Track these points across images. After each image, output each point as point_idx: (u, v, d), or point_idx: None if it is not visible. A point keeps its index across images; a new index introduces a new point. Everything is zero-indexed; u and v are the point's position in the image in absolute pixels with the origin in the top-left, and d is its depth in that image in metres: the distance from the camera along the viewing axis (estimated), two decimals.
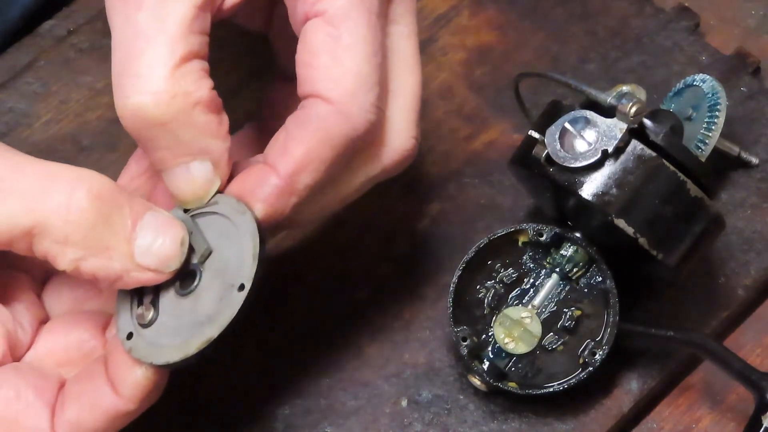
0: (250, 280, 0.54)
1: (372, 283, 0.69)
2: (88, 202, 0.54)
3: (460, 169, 0.72)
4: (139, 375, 0.55)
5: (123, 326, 0.56)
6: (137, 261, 0.54)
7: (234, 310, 0.54)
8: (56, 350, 0.58)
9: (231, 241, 0.55)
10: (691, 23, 0.75)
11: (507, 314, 0.64)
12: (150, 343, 0.55)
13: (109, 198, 0.54)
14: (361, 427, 0.66)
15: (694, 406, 0.67)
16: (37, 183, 0.54)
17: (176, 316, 0.56)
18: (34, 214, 0.53)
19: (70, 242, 0.53)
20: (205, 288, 0.55)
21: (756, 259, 0.69)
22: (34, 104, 0.74)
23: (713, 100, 0.67)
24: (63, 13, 0.76)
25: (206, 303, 0.55)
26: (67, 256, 0.54)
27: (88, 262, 0.54)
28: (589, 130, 0.62)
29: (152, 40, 0.54)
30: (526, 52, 0.75)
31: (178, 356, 0.54)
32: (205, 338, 0.54)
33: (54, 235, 0.53)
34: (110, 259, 0.54)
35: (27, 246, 0.54)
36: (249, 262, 0.54)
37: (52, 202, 0.53)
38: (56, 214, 0.53)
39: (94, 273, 0.54)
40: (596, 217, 0.62)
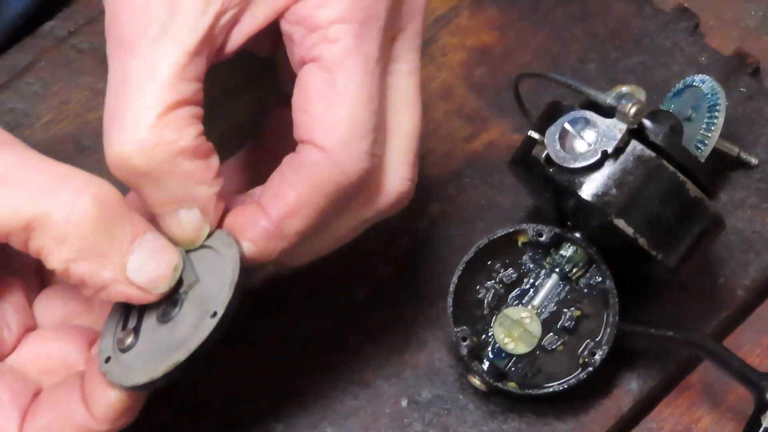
0: (223, 307, 0.54)
1: (372, 283, 0.69)
2: (93, 207, 0.54)
3: (460, 169, 0.72)
4: (113, 396, 0.55)
5: (104, 349, 0.56)
6: (128, 275, 0.55)
7: (203, 335, 0.54)
8: (40, 357, 0.58)
9: (215, 273, 0.56)
10: (690, 24, 0.75)
11: (507, 314, 0.65)
12: (125, 367, 0.55)
13: (114, 208, 0.54)
14: (361, 427, 0.66)
15: (694, 406, 0.67)
16: (45, 179, 0.54)
17: (153, 341, 0.56)
18: (37, 208, 0.53)
19: (66, 242, 0.53)
20: (183, 316, 0.56)
21: (755, 259, 0.69)
22: (35, 105, 0.74)
23: (713, 100, 0.67)
24: (63, 14, 0.76)
25: (181, 330, 0.55)
26: (60, 255, 0.54)
27: (79, 264, 0.54)
28: (588, 130, 0.62)
29: (141, 87, 0.53)
30: (526, 52, 0.75)
31: (144, 378, 0.54)
32: (173, 362, 0.54)
33: (52, 232, 0.53)
34: (102, 266, 0.54)
35: (23, 240, 0.54)
36: (225, 291, 0.54)
37: (58, 199, 0.54)
38: (59, 212, 0.53)
39: (83, 277, 0.54)
40: (596, 217, 0.62)
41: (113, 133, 0.54)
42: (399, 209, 0.60)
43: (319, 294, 0.68)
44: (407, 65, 0.59)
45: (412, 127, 0.59)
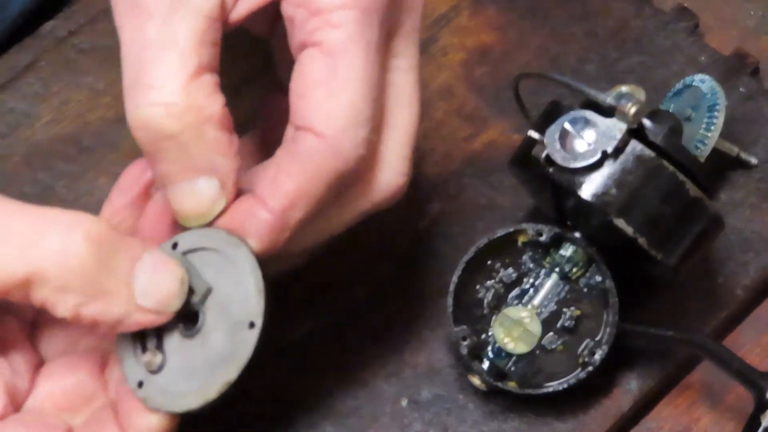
0: (260, 317, 0.53)
1: (372, 282, 0.69)
2: (86, 247, 0.52)
3: (460, 169, 0.72)
4: (154, 422, 0.54)
5: (131, 374, 0.55)
6: (138, 303, 0.53)
7: (249, 349, 0.53)
8: (56, 394, 0.57)
9: (229, 276, 0.55)
10: (690, 24, 0.75)
11: (507, 314, 0.65)
12: (163, 390, 0.54)
13: (105, 241, 0.53)
14: (361, 427, 0.66)
15: (694, 405, 0.67)
16: (32, 229, 0.53)
17: (186, 358, 0.55)
18: (31, 262, 0.52)
19: (69, 289, 0.52)
20: (211, 327, 0.54)
21: (755, 259, 0.69)
22: (35, 105, 0.74)
23: (712, 100, 0.67)
24: (64, 14, 0.76)
25: (216, 343, 0.54)
26: (67, 304, 0.53)
27: (89, 307, 0.53)
28: (588, 130, 0.62)
29: (164, 51, 0.53)
30: (526, 52, 0.75)
31: (198, 402, 0.53)
32: (225, 381, 0.53)
33: (52, 283, 0.52)
34: (110, 303, 0.53)
35: (24, 295, 0.53)
36: (255, 298, 0.54)
37: (49, 248, 0.52)
38: (54, 261, 0.52)
39: (95, 318, 0.53)
40: (596, 217, 0.62)
41: (139, 96, 0.53)
42: (393, 203, 0.59)
43: (319, 294, 0.68)
44: (406, 61, 0.59)
45: (410, 122, 0.59)
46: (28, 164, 0.72)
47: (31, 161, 0.72)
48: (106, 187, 0.71)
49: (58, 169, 0.72)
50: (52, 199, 0.71)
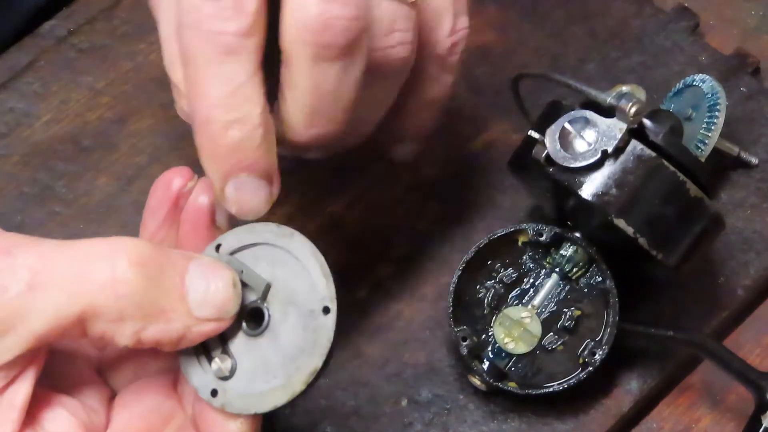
0: (333, 301, 0.53)
1: (372, 282, 0.69)
2: (133, 272, 0.52)
3: (460, 169, 0.72)
4: (234, 429, 0.54)
5: (201, 385, 0.54)
6: (196, 315, 0.53)
7: (330, 334, 0.52)
8: (134, 421, 0.56)
9: (287, 267, 0.54)
10: (690, 23, 0.75)
11: (507, 314, 0.65)
12: (242, 394, 0.54)
13: (150, 261, 0.52)
14: (361, 427, 0.66)
15: (694, 405, 0.67)
16: (75, 266, 0.52)
17: (258, 357, 0.54)
18: (81, 300, 0.51)
19: (125, 317, 0.52)
20: (279, 322, 0.54)
21: (755, 259, 0.69)
22: (35, 104, 0.74)
23: (713, 100, 0.67)
24: (63, 14, 0.76)
25: (289, 336, 0.53)
26: (126, 332, 0.52)
27: (149, 331, 0.52)
28: (588, 130, 0.62)
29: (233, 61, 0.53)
30: (526, 52, 0.75)
31: (285, 397, 0.53)
32: (311, 371, 0.52)
33: (107, 315, 0.51)
34: (169, 321, 0.52)
35: (81, 331, 0.52)
36: (323, 283, 0.53)
37: (96, 282, 0.51)
38: (104, 294, 0.51)
39: (157, 340, 0.53)
40: (596, 217, 0.62)
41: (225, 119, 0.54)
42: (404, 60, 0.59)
43: None
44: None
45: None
46: (27, 164, 0.72)
47: (30, 161, 0.72)
48: (106, 187, 0.71)
49: (57, 169, 0.72)
50: (51, 199, 0.71)
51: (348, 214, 0.70)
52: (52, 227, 0.70)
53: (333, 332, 0.52)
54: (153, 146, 0.73)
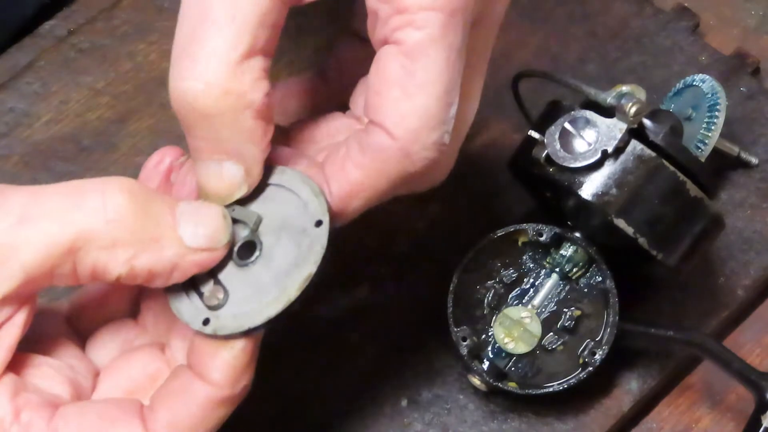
0: (326, 214, 0.53)
1: (372, 283, 0.69)
2: (125, 199, 0.52)
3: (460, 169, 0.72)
4: (226, 356, 0.54)
5: (193, 318, 0.54)
6: (188, 244, 0.53)
7: (323, 242, 0.53)
8: (121, 382, 0.57)
9: (279, 199, 0.55)
10: (690, 23, 0.75)
11: (507, 314, 0.65)
12: (235, 315, 0.53)
13: (141, 192, 0.53)
14: (361, 427, 0.66)
15: (694, 406, 0.67)
16: (65, 199, 0.53)
17: (251, 283, 0.54)
18: (73, 226, 0.52)
19: (118, 243, 0.52)
20: (272, 247, 0.54)
21: (756, 259, 0.69)
22: (35, 104, 0.74)
23: (713, 100, 0.67)
24: (63, 14, 0.76)
25: (282, 257, 0.54)
26: (118, 260, 0.52)
27: (141, 259, 0.53)
28: (588, 130, 0.62)
29: (220, 25, 0.52)
30: (526, 52, 0.75)
31: (279, 306, 0.52)
32: (304, 276, 0.52)
33: (100, 241, 0.52)
34: (162, 249, 0.53)
35: (70, 268, 0.52)
36: (314, 202, 0.53)
37: (88, 209, 0.52)
38: (96, 219, 0.52)
39: (150, 268, 0.53)
40: (596, 217, 0.62)
41: (184, 68, 0.52)
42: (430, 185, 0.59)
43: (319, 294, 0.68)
44: (476, 57, 0.58)
45: (465, 116, 0.59)
46: (27, 164, 0.72)
47: (30, 161, 0.72)
48: None
49: (57, 169, 0.72)
50: None
51: None
52: None
53: (326, 240, 0.53)
54: (153, 146, 0.72)
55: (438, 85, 0.54)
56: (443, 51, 0.54)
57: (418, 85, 0.53)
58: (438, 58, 0.54)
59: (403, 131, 0.54)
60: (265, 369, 0.66)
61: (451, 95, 0.54)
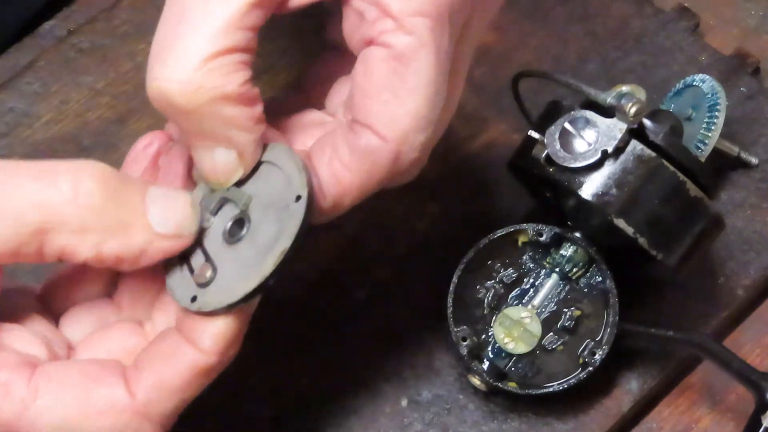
0: (304, 189, 0.54)
1: (371, 283, 0.69)
2: (96, 184, 0.53)
3: (460, 169, 0.72)
4: (219, 324, 0.54)
5: (182, 295, 0.55)
6: (156, 230, 0.54)
7: (300, 217, 0.53)
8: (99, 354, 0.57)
9: (270, 176, 0.55)
10: (690, 23, 0.75)
11: (507, 314, 0.65)
12: (218, 292, 0.54)
13: (112, 177, 0.54)
14: (361, 427, 0.66)
15: (694, 406, 0.67)
16: (37, 178, 0.53)
17: (238, 260, 0.55)
18: (43, 208, 0.52)
19: (87, 228, 0.53)
20: (259, 224, 0.55)
21: (756, 259, 0.69)
22: (35, 104, 0.74)
23: (713, 100, 0.67)
24: (63, 14, 0.76)
25: (266, 232, 0.54)
26: (86, 243, 0.53)
27: (109, 244, 0.53)
28: (588, 130, 0.62)
29: (194, 27, 0.53)
30: (526, 52, 0.75)
31: (255, 282, 0.53)
32: (279, 252, 0.53)
33: (69, 225, 0.53)
34: (130, 235, 0.54)
35: (37, 248, 0.53)
36: (296, 177, 0.54)
37: (59, 191, 0.53)
38: (66, 203, 0.53)
39: (117, 254, 0.54)
40: (596, 217, 0.62)
41: (157, 68, 0.53)
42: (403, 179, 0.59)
43: (319, 294, 0.68)
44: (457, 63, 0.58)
45: (448, 117, 0.59)
46: None
47: None
48: None
49: None
50: None
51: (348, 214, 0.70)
52: None
53: (303, 215, 0.53)
54: None
55: (429, 88, 0.55)
56: (433, 55, 0.54)
57: (410, 89, 0.54)
58: (428, 62, 0.54)
59: (394, 133, 0.54)
60: (265, 369, 0.66)
61: (440, 97, 0.55)
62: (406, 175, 0.57)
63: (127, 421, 0.54)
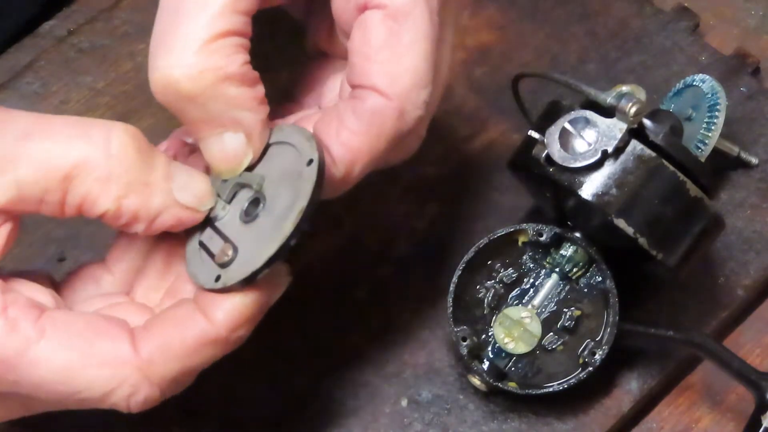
0: (315, 152, 0.54)
1: (372, 283, 0.69)
2: (129, 139, 0.54)
3: (460, 169, 0.72)
4: (235, 300, 0.55)
5: (207, 279, 0.56)
6: (176, 197, 0.55)
7: (313, 178, 0.54)
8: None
9: (278, 154, 0.56)
10: (690, 23, 0.75)
11: (507, 314, 0.65)
12: (240, 267, 0.55)
13: (144, 140, 0.55)
14: (361, 427, 0.66)
15: (694, 406, 0.67)
16: (70, 128, 0.54)
17: (258, 234, 0.56)
18: (75, 153, 0.54)
19: (112, 179, 0.54)
20: (273, 198, 0.56)
21: (755, 259, 0.69)
22: (35, 104, 0.74)
23: (713, 100, 0.67)
24: (63, 14, 0.76)
25: (282, 202, 0.55)
26: (109, 194, 0.54)
27: (130, 199, 0.54)
28: (588, 130, 0.62)
29: (192, 15, 0.54)
30: (526, 52, 0.75)
31: (276, 244, 0.54)
32: (297, 211, 0.54)
33: (96, 173, 0.54)
34: (151, 195, 0.55)
35: (61, 196, 0.54)
36: (306, 146, 0.55)
37: (92, 141, 0.54)
38: (97, 151, 0.54)
39: (135, 211, 0.55)
40: (596, 217, 0.62)
41: (159, 58, 0.54)
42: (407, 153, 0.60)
43: (319, 294, 0.68)
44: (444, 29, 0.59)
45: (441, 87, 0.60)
46: None
47: None
48: None
49: None
50: None
51: (348, 214, 0.70)
52: (52, 227, 0.70)
53: (316, 174, 0.54)
54: None
55: (424, 44, 0.56)
56: (426, 11, 0.56)
57: (407, 45, 0.56)
58: (423, 17, 0.56)
59: (396, 90, 0.56)
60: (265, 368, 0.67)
61: (435, 54, 0.57)
62: (411, 139, 0.58)
63: (126, 376, 0.54)
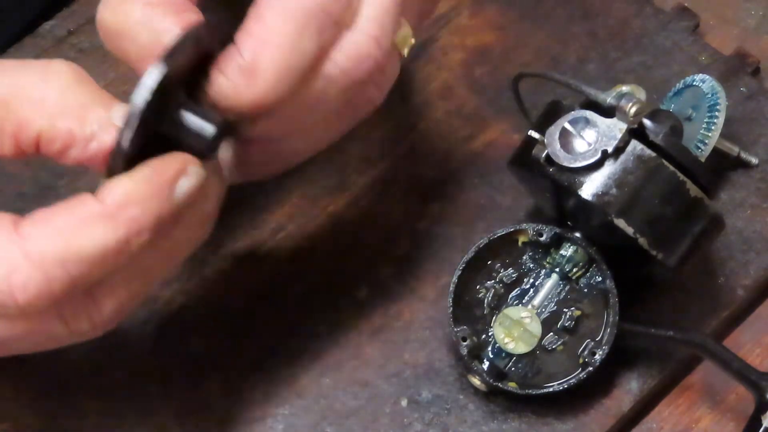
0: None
1: (372, 283, 0.69)
2: (67, 68, 0.55)
3: (460, 169, 0.72)
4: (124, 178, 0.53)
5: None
6: (114, 122, 0.54)
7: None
8: None
9: None
10: (690, 23, 0.75)
11: (507, 314, 0.65)
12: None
13: (83, 73, 0.55)
14: (361, 427, 0.66)
15: (694, 406, 0.67)
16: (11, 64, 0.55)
17: None
18: (9, 81, 0.54)
19: (47, 100, 0.54)
20: None
21: (756, 259, 0.69)
22: None
23: (713, 100, 0.67)
24: (63, 14, 0.76)
25: None
26: (44, 113, 0.54)
27: (65, 118, 0.54)
28: (588, 130, 0.62)
29: None
30: (526, 52, 0.75)
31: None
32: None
33: (31, 95, 0.54)
34: (87, 117, 0.54)
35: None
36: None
37: (31, 71, 0.55)
38: (34, 79, 0.54)
39: (70, 129, 0.54)
40: (596, 217, 0.62)
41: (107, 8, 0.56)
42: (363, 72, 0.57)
43: (319, 294, 0.68)
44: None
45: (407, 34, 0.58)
46: (27, 163, 0.72)
47: (30, 160, 0.72)
48: None
49: (58, 169, 0.72)
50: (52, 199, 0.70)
51: (348, 214, 0.70)
52: None
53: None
54: None
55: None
56: None
57: None
58: None
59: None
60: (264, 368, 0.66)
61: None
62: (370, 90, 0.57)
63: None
